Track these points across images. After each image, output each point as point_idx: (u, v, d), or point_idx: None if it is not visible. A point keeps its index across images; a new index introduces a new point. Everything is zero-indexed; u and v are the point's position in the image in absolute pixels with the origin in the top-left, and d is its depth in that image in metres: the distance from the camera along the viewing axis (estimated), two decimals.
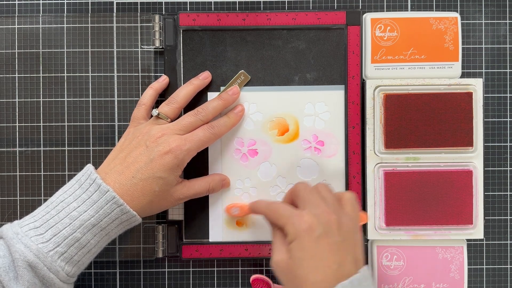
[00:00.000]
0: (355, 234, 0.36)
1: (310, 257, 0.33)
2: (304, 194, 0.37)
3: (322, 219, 0.34)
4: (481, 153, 0.45)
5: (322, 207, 0.35)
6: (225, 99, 0.44)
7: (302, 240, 0.34)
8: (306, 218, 0.34)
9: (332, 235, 0.34)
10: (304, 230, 0.34)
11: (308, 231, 0.34)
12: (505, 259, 0.47)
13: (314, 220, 0.34)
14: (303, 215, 0.35)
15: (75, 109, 0.46)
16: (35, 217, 0.37)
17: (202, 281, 0.47)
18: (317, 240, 0.34)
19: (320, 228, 0.34)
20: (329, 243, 0.34)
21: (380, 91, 0.45)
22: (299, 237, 0.34)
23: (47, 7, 0.47)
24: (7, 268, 0.35)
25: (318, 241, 0.34)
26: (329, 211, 0.35)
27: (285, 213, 0.36)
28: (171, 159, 0.39)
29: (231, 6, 0.47)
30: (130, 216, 0.38)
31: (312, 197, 0.36)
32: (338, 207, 0.37)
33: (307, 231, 0.34)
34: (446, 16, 0.45)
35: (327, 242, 0.34)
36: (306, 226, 0.34)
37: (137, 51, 0.46)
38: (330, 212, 0.35)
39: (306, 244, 0.34)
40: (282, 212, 0.36)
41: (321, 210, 0.35)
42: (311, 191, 0.37)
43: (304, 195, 0.37)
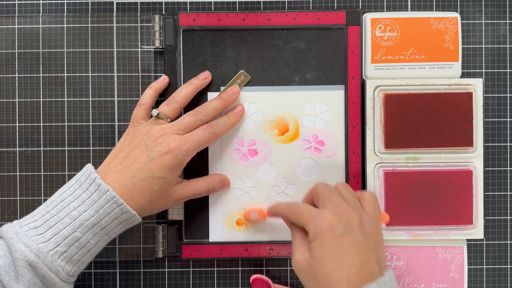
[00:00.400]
0: (377, 234, 0.36)
1: (332, 255, 0.33)
2: (324, 193, 0.36)
3: (343, 217, 0.34)
4: (481, 153, 0.45)
5: (342, 206, 0.35)
6: (225, 99, 0.44)
7: (323, 238, 0.33)
8: (327, 216, 0.34)
9: (354, 233, 0.34)
10: (325, 228, 0.33)
11: (329, 228, 0.33)
12: (505, 259, 0.47)
13: (335, 218, 0.34)
14: (324, 213, 0.34)
15: (75, 109, 0.46)
16: (35, 217, 0.37)
17: (202, 281, 0.47)
18: (339, 238, 0.33)
19: (342, 226, 0.34)
20: (351, 241, 0.33)
21: (380, 91, 0.45)
22: (320, 235, 0.33)
23: (47, 7, 0.47)
24: (7, 268, 0.35)
25: (340, 239, 0.33)
26: (350, 210, 0.35)
27: (306, 212, 0.35)
28: (170, 159, 0.39)
29: (231, 6, 0.47)
30: (130, 215, 0.38)
31: (333, 196, 0.36)
32: (359, 206, 0.36)
33: (329, 229, 0.33)
34: (446, 16, 0.45)
35: (349, 240, 0.33)
36: (327, 223, 0.34)
37: (137, 51, 0.46)
38: (351, 210, 0.35)
39: (328, 242, 0.33)
40: (303, 211, 0.36)
41: (342, 209, 0.35)
42: (331, 191, 0.37)
43: (324, 194, 0.36)
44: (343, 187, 0.38)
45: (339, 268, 0.33)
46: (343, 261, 0.33)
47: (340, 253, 0.33)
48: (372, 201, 0.37)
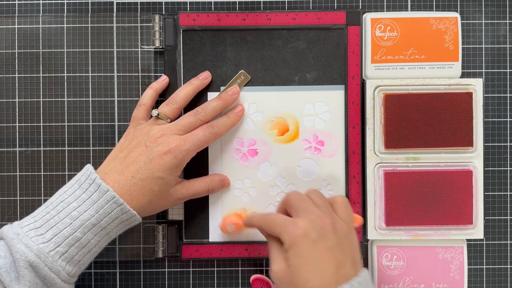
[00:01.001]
0: (351, 237, 0.36)
1: (307, 263, 0.33)
2: (296, 202, 0.37)
3: (316, 223, 0.34)
4: (481, 153, 0.45)
5: (315, 212, 0.35)
6: (224, 99, 0.44)
7: (298, 246, 0.34)
8: (301, 224, 0.34)
9: (328, 238, 0.34)
10: (299, 236, 0.34)
11: (303, 236, 0.34)
12: (505, 259, 0.47)
13: (309, 225, 0.34)
14: (297, 221, 0.35)
15: (75, 109, 0.46)
16: (35, 218, 0.37)
17: (202, 281, 0.47)
18: (313, 245, 0.34)
19: (315, 232, 0.34)
20: (326, 247, 0.34)
21: (380, 91, 0.45)
22: (295, 244, 0.34)
23: (47, 7, 0.47)
24: (8, 269, 0.35)
25: (314, 246, 0.34)
26: (323, 215, 0.35)
27: (279, 222, 0.36)
28: (170, 159, 0.39)
29: (231, 6, 0.47)
30: (130, 215, 0.38)
31: (305, 203, 0.36)
32: (331, 211, 0.37)
33: (303, 237, 0.34)
34: (446, 16, 0.45)
35: (323, 246, 0.34)
36: (301, 231, 0.34)
37: (137, 51, 0.46)
38: (324, 216, 0.35)
39: (303, 250, 0.34)
40: (277, 221, 0.36)
41: (315, 215, 0.35)
42: (302, 198, 0.37)
43: (296, 203, 0.37)
44: (314, 193, 0.38)
45: (315, 274, 0.33)
46: (318, 267, 0.33)
47: (315, 259, 0.33)
48: (344, 204, 0.38)
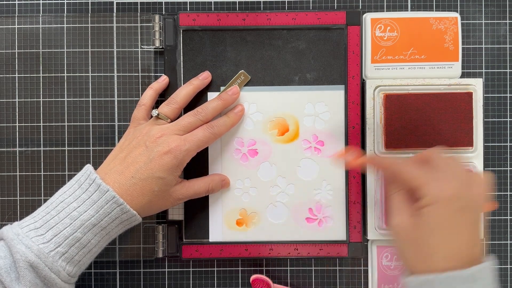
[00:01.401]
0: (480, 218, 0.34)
1: (443, 228, 0.31)
2: (442, 162, 0.34)
3: (461, 192, 0.32)
4: (481, 153, 0.45)
5: (461, 180, 0.33)
6: (224, 99, 0.44)
7: (440, 207, 0.31)
8: (449, 186, 0.32)
9: (468, 211, 0.32)
10: (443, 198, 0.31)
11: (449, 199, 0.31)
12: (505, 259, 0.47)
13: (457, 191, 0.32)
14: (443, 182, 0.32)
15: (75, 109, 0.46)
16: (35, 218, 0.37)
17: (202, 281, 0.47)
18: (456, 213, 0.31)
19: (460, 201, 0.31)
20: (465, 219, 0.31)
21: (380, 91, 0.45)
22: (437, 203, 0.31)
23: (47, 7, 0.47)
24: (8, 269, 0.35)
25: (460, 214, 0.31)
26: (471, 186, 0.33)
27: (421, 174, 0.33)
28: (170, 159, 0.39)
29: (231, 6, 0.47)
30: (130, 215, 0.38)
31: (451, 167, 0.34)
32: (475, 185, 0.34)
33: (449, 200, 0.31)
34: (446, 16, 0.45)
35: (463, 218, 0.31)
36: (449, 194, 0.31)
37: (137, 51, 0.46)
38: (468, 188, 0.32)
39: (443, 213, 0.31)
40: (418, 173, 0.33)
41: (463, 184, 0.32)
42: (448, 161, 0.34)
43: (442, 162, 0.34)
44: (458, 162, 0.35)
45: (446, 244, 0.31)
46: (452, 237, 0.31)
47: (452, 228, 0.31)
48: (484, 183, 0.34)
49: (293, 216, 0.46)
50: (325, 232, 0.46)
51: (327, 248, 0.46)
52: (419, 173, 0.33)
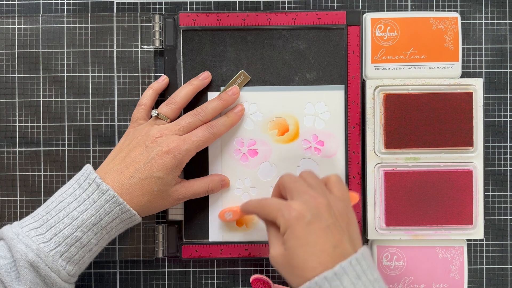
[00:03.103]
0: (348, 214, 0.36)
1: (304, 244, 0.33)
2: (290, 184, 0.37)
3: (310, 204, 0.34)
4: (481, 153, 0.45)
5: (309, 193, 0.35)
6: (224, 99, 0.44)
7: (294, 229, 0.34)
8: (295, 206, 0.34)
9: (323, 218, 0.34)
10: (294, 218, 0.34)
11: (298, 218, 0.34)
12: (505, 259, 0.47)
13: (303, 207, 0.34)
14: (291, 204, 0.35)
15: (75, 109, 0.46)
16: (35, 218, 0.37)
17: (202, 281, 0.47)
18: (309, 226, 0.33)
19: (310, 213, 0.34)
20: (321, 227, 0.34)
21: (380, 91, 0.45)
22: (290, 226, 0.34)
23: (47, 7, 0.47)
24: (8, 269, 0.35)
25: (310, 227, 0.33)
26: (317, 195, 0.35)
27: (274, 206, 0.36)
28: (169, 159, 0.39)
29: (231, 6, 0.47)
30: (130, 215, 0.38)
31: (298, 185, 0.36)
32: (326, 190, 0.37)
33: (297, 219, 0.34)
34: (446, 16, 0.45)
35: (319, 226, 0.34)
36: (295, 214, 0.34)
37: (137, 51, 0.46)
38: (317, 196, 0.35)
39: (298, 232, 0.33)
40: (272, 205, 0.36)
41: (309, 196, 0.35)
42: (296, 180, 0.37)
43: (290, 185, 0.37)
44: (307, 174, 0.38)
45: (312, 255, 0.33)
46: (315, 248, 0.33)
47: (311, 240, 0.33)
48: (338, 182, 0.38)
49: None
50: None
51: None
52: (274, 205, 0.36)
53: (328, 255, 0.33)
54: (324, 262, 0.33)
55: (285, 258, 0.34)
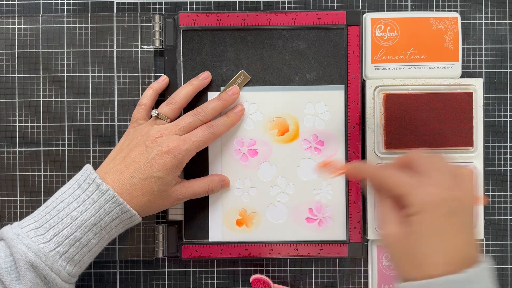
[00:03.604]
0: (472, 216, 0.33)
1: (434, 235, 0.30)
2: (424, 163, 0.33)
3: (448, 194, 0.31)
4: (481, 153, 0.45)
5: (447, 182, 0.32)
6: (224, 99, 0.44)
7: (427, 215, 0.31)
8: (433, 191, 0.31)
9: (458, 214, 0.31)
10: (430, 203, 0.31)
11: (435, 205, 0.31)
12: (505, 259, 0.47)
13: (444, 195, 0.31)
14: (429, 186, 0.31)
15: (75, 109, 0.46)
16: (35, 218, 0.37)
17: (202, 281, 0.47)
18: (445, 218, 0.31)
19: (447, 204, 0.31)
20: (455, 222, 0.31)
21: (380, 91, 0.45)
22: (424, 211, 0.31)
23: (47, 7, 0.47)
24: (9, 269, 0.35)
25: (446, 219, 0.31)
26: (456, 187, 0.32)
27: (405, 181, 0.32)
28: (169, 159, 0.39)
29: (231, 6, 0.47)
30: (130, 215, 0.38)
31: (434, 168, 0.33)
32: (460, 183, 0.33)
33: (434, 206, 0.31)
34: (446, 16, 0.45)
35: (454, 221, 0.31)
36: (433, 199, 0.31)
37: (137, 51, 0.46)
38: (457, 188, 0.32)
39: (431, 220, 0.31)
40: (402, 179, 0.32)
41: (447, 185, 0.32)
42: (432, 161, 0.33)
43: (424, 164, 0.33)
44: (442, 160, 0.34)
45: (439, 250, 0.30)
46: (444, 243, 0.30)
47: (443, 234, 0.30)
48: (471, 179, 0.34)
49: (293, 216, 0.46)
50: (325, 232, 0.46)
51: (327, 248, 0.46)
52: (403, 179, 0.33)
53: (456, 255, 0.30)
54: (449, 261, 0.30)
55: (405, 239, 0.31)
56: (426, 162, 0.33)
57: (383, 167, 0.35)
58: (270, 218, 0.46)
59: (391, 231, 0.32)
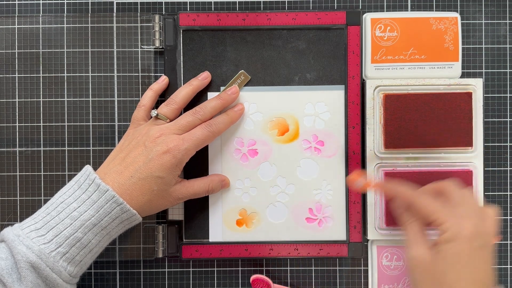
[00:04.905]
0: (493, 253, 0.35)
1: (462, 265, 0.32)
2: (459, 196, 0.35)
3: (481, 230, 0.33)
4: (481, 153, 0.45)
5: (479, 218, 0.34)
6: (224, 99, 0.44)
7: (459, 245, 0.33)
8: (469, 224, 0.33)
9: (486, 249, 0.33)
10: (465, 235, 0.33)
11: (468, 238, 0.33)
12: (505, 259, 0.47)
13: (477, 229, 0.33)
14: (464, 218, 0.33)
15: (75, 109, 0.46)
16: (36, 219, 0.37)
17: (202, 281, 0.47)
18: (476, 250, 0.33)
19: (480, 239, 0.33)
20: (484, 256, 0.33)
21: (380, 91, 0.45)
22: (457, 240, 0.33)
23: (47, 7, 0.47)
24: (10, 270, 0.35)
25: (476, 252, 0.33)
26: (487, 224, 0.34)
27: (443, 210, 0.34)
28: (169, 158, 0.39)
29: (231, 6, 0.47)
30: (130, 215, 0.38)
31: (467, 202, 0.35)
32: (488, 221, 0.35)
33: (468, 238, 0.33)
34: (446, 16, 0.45)
35: (483, 254, 0.33)
36: (469, 231, 0.33)
37: (137, 51, 0.46)
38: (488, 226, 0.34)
39: (462, 250, 0.33)
40: (437, 206, 0.35)
41: (480, 221, 0.34)
42: (465, 195, 0.36)
43: (459, 196, 0.35)
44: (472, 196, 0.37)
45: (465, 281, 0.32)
46: (472, 274, 0.32)
47: (471, 266, 0.32)
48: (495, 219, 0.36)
49: (293, 216, 0.46)
50: (325, 232, 0.46)
51: (327, 248, 0.46)
52: (438, 207, 0.35)
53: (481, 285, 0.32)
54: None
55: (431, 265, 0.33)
56: (461, 195, 0.35)
57: (417, 191, 0.37)
58: (270, 218, 0.46)
59: (418, 254, 0.34)
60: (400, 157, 0.45)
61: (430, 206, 0.35)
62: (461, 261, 0.32)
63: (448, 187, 0.37)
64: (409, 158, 0.45)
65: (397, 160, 0.45)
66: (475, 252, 0.33)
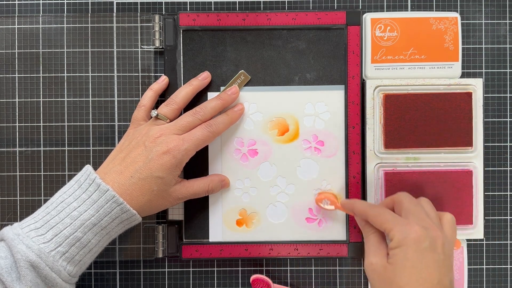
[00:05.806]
0: (451, 257, 0.36)
1: (412, 267, 0.34)
2: (409, 205, 0.37)
3: (429, 233, 0.35)
4: (481, 153, 0.45)
5: (429, 222, 0.36)
6: (223, 99, 0.44)
7: (407, 249, 0.34)
8: (416, 228, 0.35)
9: (437, 251, 0.35)
10: (412, 239, 0.34)
11: (416, 241, 0.34)
12: (505, 259, 0.47)
13: (423, 233, 0.35)
14: (412, 224, 0.35)
15: (75, 109, 0.46)
16: (36, 218, 0.37)
17: (202, 281, 0.47)
18: (423, 253, 0.34)
19: (427, 241, 0.34)
20: (433, 258, 0.34)
21: (380, 91, 0.45)
22: (405, 245, 0.34)
23: (47, 7, 0.47)
24: (9, 269, 0.35)
25: (423, 254, 0.34)
26: (436, 228, 0.36)
27: (391, 219, 0.36)
28: (169, 159, 0.39)
29: (231, 6, 0.47)
30: (130, 215, 0.38)
31: (417, 209, 0.37)
32: (441, 226, 0.37)
33: (415, 241, 0.34)
34: (446, 16, 0.45)
35: (431, 257, 0.34)
36: (414, 235, 0.34)
37: (137, 51, 0.46)
38: (436, 229, 0.36)
39: (411, 254, 0.34)
40: (389, 217, 0.36)
41: (428, 225, 0.35)
42: (416, 204, 0.38)
43: (409, 206, 0.37)
44: (427, 203, 0.39)
45: (416, 282, 0.33)
46: (421, 276, 0.34)
47: (420, 267, 0.34)
48: (452, 224, 0.38)
49: (293, 216, 0.46)
50: (325, 232, 0.46)
51: (327, 248, 0.46)
52: (387, 216, 0.36)
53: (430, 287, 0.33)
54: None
55: (386, 270, 0.35)
56: (410, 206, 0.37)
57: (373, 205, 0.39)
58: (270, 218, 0.46)
59: (374, 261, 0.36)
60: (400, 157, 0.45)
61: (380, 216, 0.37)
62: (408, 264, 0.34)
63: (399, 197, 0.38)
64: (409, 158, 0.45)
65: (397, 160, 0.45)
66: (423, 254, 0.34)
